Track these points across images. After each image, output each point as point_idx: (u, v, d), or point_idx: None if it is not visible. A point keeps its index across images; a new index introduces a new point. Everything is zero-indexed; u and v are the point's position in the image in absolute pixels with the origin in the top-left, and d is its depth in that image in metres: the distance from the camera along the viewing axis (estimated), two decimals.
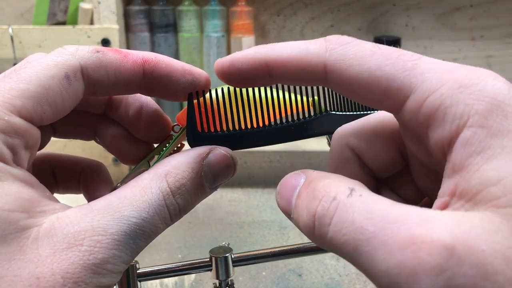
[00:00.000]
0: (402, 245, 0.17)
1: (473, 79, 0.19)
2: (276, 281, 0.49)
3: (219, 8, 0.68)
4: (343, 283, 0.48)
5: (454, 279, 0.16)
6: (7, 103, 0.21)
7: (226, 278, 0.33)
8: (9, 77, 0.22)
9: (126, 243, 0.20)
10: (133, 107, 0.28)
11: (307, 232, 0.20)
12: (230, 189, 0.71)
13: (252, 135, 0.26)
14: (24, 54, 0.66)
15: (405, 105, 0.20)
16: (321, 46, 0.24)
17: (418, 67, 0.20)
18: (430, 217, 0.17)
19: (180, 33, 0.69)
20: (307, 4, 0.71)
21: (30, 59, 0.23)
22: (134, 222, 0.21)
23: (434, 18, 0.71)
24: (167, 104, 0.73)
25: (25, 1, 0.72)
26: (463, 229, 0.17)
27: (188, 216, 0.71)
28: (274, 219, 0.62)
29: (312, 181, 0.22)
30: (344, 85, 0.21)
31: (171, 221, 0.23)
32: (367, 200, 0.19)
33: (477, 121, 0.18)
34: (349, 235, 0.19)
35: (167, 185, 0.22)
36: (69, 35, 0.65)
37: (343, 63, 0.22)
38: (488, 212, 0.17)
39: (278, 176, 0.75)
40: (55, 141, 0.78)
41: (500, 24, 0.71)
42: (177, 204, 0.23)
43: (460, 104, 0.18)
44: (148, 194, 0.22)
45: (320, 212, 0.20)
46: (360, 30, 0.72)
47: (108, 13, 0.65)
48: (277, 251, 0.34)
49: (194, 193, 0.24)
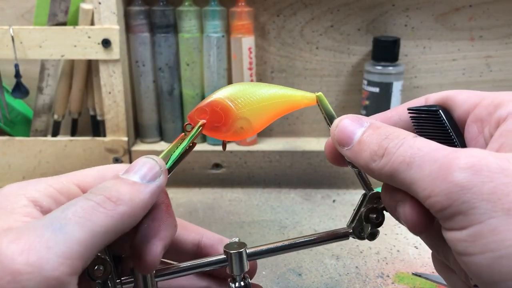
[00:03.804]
0: (446, 155, 0.24)
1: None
2: (276, 280, 0.49)
3: (219, 9, 0.68)
4: (342, 283, 0.48)
5: (480, 172, 0.22)
6: None
7: (241, 273, 0.33)
8: None
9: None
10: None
11: (369, 159, 0.27)
12: (230, 189, 0.71)
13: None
14: (24, 55, 0.66)
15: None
16: None
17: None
18: (470, 148, 0.25)
19: (180, 33, 0.69)
20: (306, 4, 0.71)
21: None
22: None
23: (433, 19, 0.71)
24: (167, 104, 0.73)
25: (26, 1, 0.73)
26: (496, 151, 0.24)
27: (188, 215, 0.70)
28: (274, 219, 0.62)
29: (379, 127, 0.28)
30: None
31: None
32: (428, 141, 0.26)
33: None
34: (407, 155, 0.25)
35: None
36: (69, 35, 0.65)
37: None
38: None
39: (278, 176, 0.76)
40: (55, 141, 0.78)
41: (500, 25, 0.71)
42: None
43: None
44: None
45: (391, 146, 0.26)
46: (360, 30, 0.72)
47: (108, 14, 0.65)
48: (287, 244, 0.34)
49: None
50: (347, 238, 0.35)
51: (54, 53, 0.66)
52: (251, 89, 0.32)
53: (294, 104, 0.33)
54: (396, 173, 0.26)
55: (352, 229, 0.34)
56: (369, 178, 0.33)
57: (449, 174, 0.23)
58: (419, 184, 0.24)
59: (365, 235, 0.34)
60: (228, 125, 0.32)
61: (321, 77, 0.74)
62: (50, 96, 0.71)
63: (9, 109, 0.72)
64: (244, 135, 0.33)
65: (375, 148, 0.27)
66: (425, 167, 0.24)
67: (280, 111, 0.33)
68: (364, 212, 0.34)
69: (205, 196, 0.69)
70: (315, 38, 0.72)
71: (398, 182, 0.26)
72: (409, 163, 0.25)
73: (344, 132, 0.29)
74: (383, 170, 0.26)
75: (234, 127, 0.32)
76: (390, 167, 0.26)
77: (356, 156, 0.28)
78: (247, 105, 0.32)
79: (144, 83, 0.71)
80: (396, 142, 0.26)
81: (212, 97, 0.32)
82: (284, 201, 0.68)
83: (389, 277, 0.49)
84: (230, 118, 0.32)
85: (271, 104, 0.32)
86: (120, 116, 0.69)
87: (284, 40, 0.73)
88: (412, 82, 0.74)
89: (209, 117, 0.32)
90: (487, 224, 0.21)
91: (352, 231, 0.34)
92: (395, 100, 0.67)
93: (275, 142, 0.74)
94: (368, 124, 0.29)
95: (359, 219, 0.34)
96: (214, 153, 0.71)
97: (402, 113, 0.32)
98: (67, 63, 0.71)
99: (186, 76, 0.71)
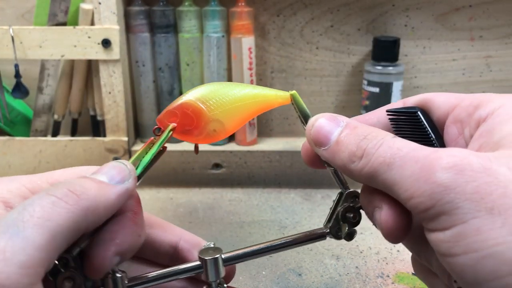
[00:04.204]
0: (427, 155, 0.24)
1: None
2: (276, 280, 0.49)
3: (219, 9, 0.68)
4: (342, 283, 0.48)
5: (463, 172, 0.22)
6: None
7: (216, 279, 0.32)
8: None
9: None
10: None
11: (348, 160, 0.27)
12: (230, 189, 0.71)
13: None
14: (24, 55, 0.66)
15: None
16: None
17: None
18: (451, 147, 0.25)
19: (180, 33, 0.69)
20: (306, 4, 0.71)
21: None
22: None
23: (433, 19, 0.71)
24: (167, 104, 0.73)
25: (26, 1, 0.73)
26: (476, 151, 0.24)
27: (188, 215, 0.71)
28: (274, 219, 0.62)
29: (357, 127, 0.28)
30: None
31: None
32: (407, 141, 0.26)
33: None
34: (387, 155, 0.25)
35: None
36: (69, 35, 0.65)
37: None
38: (500, 150, 0.24)
39: (278, 176, 0.77)
40: (55, 141, 0.78)
41: (500, 25, 0.71)
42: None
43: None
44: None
45: (370, 147, 0.26)
46: (360, 30, 0.72)
47: (108, 14, 0.65)
48: (263, 247, 0.33)
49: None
50: (324, 238, 0.33)
51: (54, 53, 0.66)
52: (223, 90, 0.31)
53: (268, 103, 0.32)
54: (376, 174, 0.25)
55: (329, 229, 0.33)
56: (346, 177, 0.32)
57: (431, 174, 0.23)
58: (401, 185, 0.24)
59: (342, 235, 0.33)
60: (200, 128, 0.31)
61: (321, 77, 0.74)
62: (50, 96, 0.71)
63: (9, 109, 0.72)
64: (217, 137, 0.32)
65: (353, 149, 0.27)
66: (407, 167, 0.24)
67: (254, 111, 0.32)
68: (341, 212, 0.33)
69: (205, 196, 0.69)
70: (315, 38, 0.72)
71: (378, 183, 0.26)
72: (390, 164, 0.25)
73: (320, 132, 0.29)
74: (362, 171, 0.26)
75: (206, 129, 0.31)
76: (370, 168, 0.26)
77: (333, 156, 0.28)
78: (220, 107, 0.31)
79: (144, 83, 0.71)
80: (375, 142, 0.26)
81: (182, 98, 0.31)
82: (284, 201, 0.68)
83: (389, 277, 0.49)
84: (202, 120, 0.31)
85: (245, 104, 0.31)
86: (120, 116, 0.69)
87: (284, 40, 0.73)
88: (412, 82, 0.74)
89: (179, 120, 0.31)
90: (471, 224, 0.21)
91: (329, 231, 0.33)
92: (395, 100, 0.67)
93: (275, 142, 0.74)
94: (345, 124, 0.28)
95: (336, 219, 0.33)
96: (214, 153, 0.71)
97: (381, 116, 0.32)
98: (67, 63, 0.71)
99: (186, 76, 0.71)
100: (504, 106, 0.26)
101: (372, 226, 0.29)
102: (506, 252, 0.20)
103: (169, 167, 0.70)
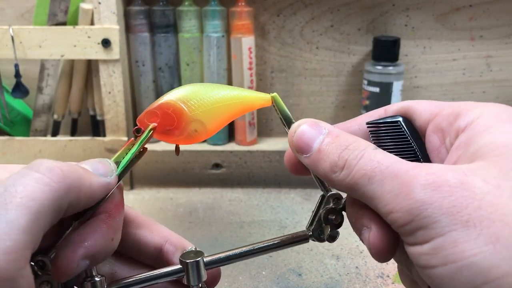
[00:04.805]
0: (407, 170, 0.24)
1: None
2: (276, 280, 0.49)
3: (219, 9, 0.68)
4: (342, 283, 0.48)
5: (440, 188, 0.23)
6: None
7: (198, 283, 0.32)
8: None
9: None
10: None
11: (329, 170, 0.27)
12: (230, 189, 0.71)
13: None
14: (24, 54, 0.66)
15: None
16: None
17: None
18: (429, 164, 0.25)
19: (180, 33, 0.69)
20: (306, 4, 0.71)
21: None
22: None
23: (434, 18, 0.71)
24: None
25: (26, 1, 0.73)
26: (454, 164, 0.25)
27: (188, 215, 0.71)
28: (274, 219, 0.62)
29: (339, 135, 0.28)
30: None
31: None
32: (388, 154, 0.26)
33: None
34: (367, 168, 0.25)
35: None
36: (69, 35, 0.65)
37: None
38: (476, 161, 0.24)
39: (278, 176, 0.77)
40: (55, 141, 0.78)
41: (500, 24, 0.71)
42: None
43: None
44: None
45: (351, 158, 0.26)
46: (360, 30, 0.72)
47: (108, 14, 0.65)
48: (246, 250, 0.33)
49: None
50: (307, 241, 0.33)
51: (54, 53, 0.66)
52: (204, 90, 0.31)
53: (249, 105, 0.32)
54: (357, 186, 0.26)
55: (312, 231, 0.33)
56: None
57: (410, 191, 0.23)
58: (381, 200, 0.24)
59: (324, 237, 0.33)
60: (181, 128, 0.30)
61: (321, 77, 0.74)
62: (50, 96, 0.71)
63: (9, 109, 0.72)
64: (198, 138, 0.31)
65: (335, 159, 0.27)
66: (387, 182, 0.24)
67: (235, 112, 0.32)
68: (323, 214, 0.33)
69: (205, 196, 0.69)
70: (315, 38, 0.72)
71: (359, 195, 0.26)
72: (370, 178, 0.25)
73: (302, 139, 0.29)
74: (343, 182, 0.26)
75: (187, 130, 0.31)
76: (351, 180, 0.26)
77: (315, 164, 0.28)
78: (201, 107, 0.30)
79: (144, 83, 0.71)
80: (356, 153, 0.26)
81: (163, 98, 0.31)
82: (284, 201, 0.68)
83: (389, 277, 0.49)
84: (183, 120, 0.30)
85: (226, 105, 0.31)
86: (120, 116, 0.69)
87: (284, 40, 0.73)
88: (412, 82, 0.74)
89: (160, 120, 0.30)
90: (448, 236, 0.22)
91: (312, 234, 0.33)
92: (395, 100, 0.67)
93: (275, 142, 0.74)
94: (327, 131, 0.28)
95: (318, 221, 0.33)
96: (214, 153, 0.71)
97: (361, 123, 0.32)
98: (67, 63, 0.71)
99: (186, 76, 0.71)
100: (482, 116, 0.26)
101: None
102: (481, 262, 0.21)
103: (169, 167, 0.70)
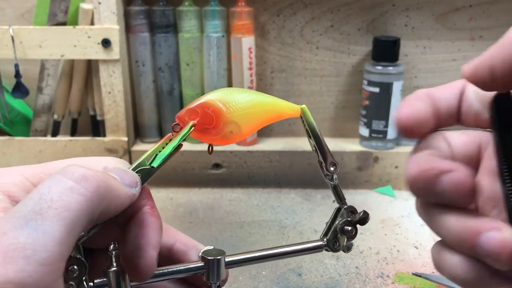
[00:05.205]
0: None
1: None
2: (276, 280, 0.49)
3: (219, 9, 0.68)
4: (342, 283, 0.48)
5: None
6: None
7: (217, 281, 0.32)
8: None
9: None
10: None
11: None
12: (230, 189, 0.71)
13: None
14: (24, 55, 0.66)
15: None
16: None
17: None
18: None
19: (180, 33, 0.69)
20: (307, 4, 0.71)
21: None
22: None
23: (434, 19, 0.71)
24: (167, 104, 0.73)
25: (26, 1, 0.73)
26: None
27: (188, 215, 0.71)
28: (274, 219, 0.62)
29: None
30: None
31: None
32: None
33: None
34: None
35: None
36: (69, 35, 0.65)
37: None
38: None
39: (278, 176, 0.76)
40: (55, 141, 0.78)
41: (500, 25, 0.71)
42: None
43: None
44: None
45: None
46: (360, 30, 0.72)
47: (108, 14, 0.65)
48: (265, 254, 0.34)
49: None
50: (321, 251, 0.35)
51: (54, 53, 0.66)
52: (241, 95, 0.32)
53: (280, 113, 0.33)
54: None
55: (327, 241, 0.35)
56: (343, 192, 0.35)
57: None
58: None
59: (340, 247, 0.35)
60: (218, 128, 0.31)
61: (321, 77, 0.74)
62: (50, 96, 0.71)
63: (9, 109, 0.72)
64: (233, 139, 0.32)
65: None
66: None
67: (267, 119, 0.33)
68: (340, 225, 0.34)
69: (205, 196, 0.69)
70: (315, 38, 0.72)
71: None
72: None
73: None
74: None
75: (224, 130, 0.32)
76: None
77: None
78: (238, 110, 0.32)
79: (144, 83, 0.71)
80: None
81: (204, 98, 0.32)
82: (284, 201, 0.68)
83: (389, 277, 0.49)
84: (221, 121, 0.31)
85: (260, 111, 0.32)
86: (120, 116, 0.69)
87: (284, 40, 0.73)
88: (412, 82, 0.74)
89: (200, 119, 0.31)
90: None
91: (326, 244, 0.35)
92: (395, 100, 0.67)
93: (275, 142, 0.74)
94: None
95: (333, 232, 0.35)
96: (214, 153, 0.71)
97: (469, 95, 0.26)
98: (67, 63, 0.71)
99: (186, 76, 0.71)
100: None
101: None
102: None
103: (169, 167, 0.70)
